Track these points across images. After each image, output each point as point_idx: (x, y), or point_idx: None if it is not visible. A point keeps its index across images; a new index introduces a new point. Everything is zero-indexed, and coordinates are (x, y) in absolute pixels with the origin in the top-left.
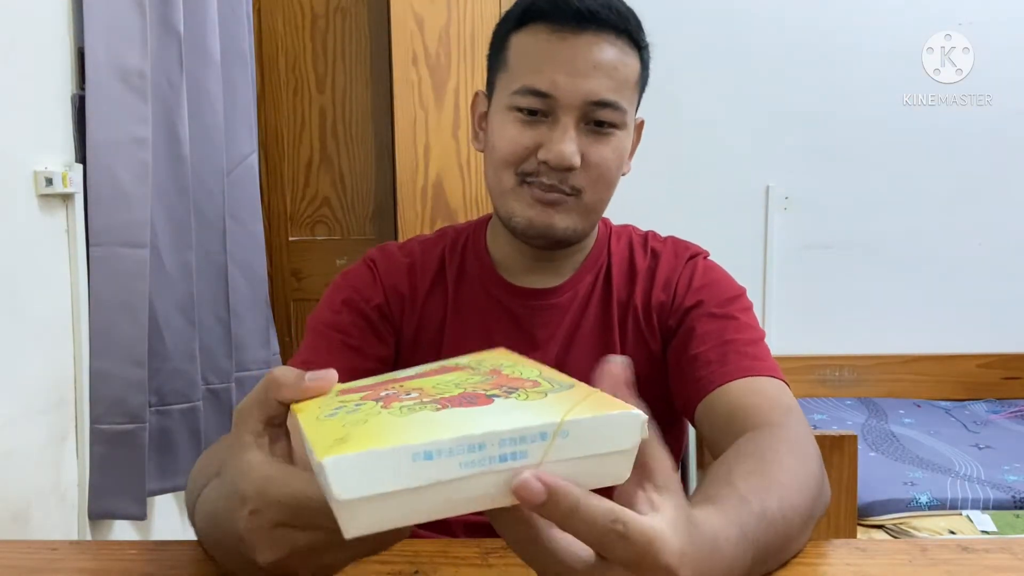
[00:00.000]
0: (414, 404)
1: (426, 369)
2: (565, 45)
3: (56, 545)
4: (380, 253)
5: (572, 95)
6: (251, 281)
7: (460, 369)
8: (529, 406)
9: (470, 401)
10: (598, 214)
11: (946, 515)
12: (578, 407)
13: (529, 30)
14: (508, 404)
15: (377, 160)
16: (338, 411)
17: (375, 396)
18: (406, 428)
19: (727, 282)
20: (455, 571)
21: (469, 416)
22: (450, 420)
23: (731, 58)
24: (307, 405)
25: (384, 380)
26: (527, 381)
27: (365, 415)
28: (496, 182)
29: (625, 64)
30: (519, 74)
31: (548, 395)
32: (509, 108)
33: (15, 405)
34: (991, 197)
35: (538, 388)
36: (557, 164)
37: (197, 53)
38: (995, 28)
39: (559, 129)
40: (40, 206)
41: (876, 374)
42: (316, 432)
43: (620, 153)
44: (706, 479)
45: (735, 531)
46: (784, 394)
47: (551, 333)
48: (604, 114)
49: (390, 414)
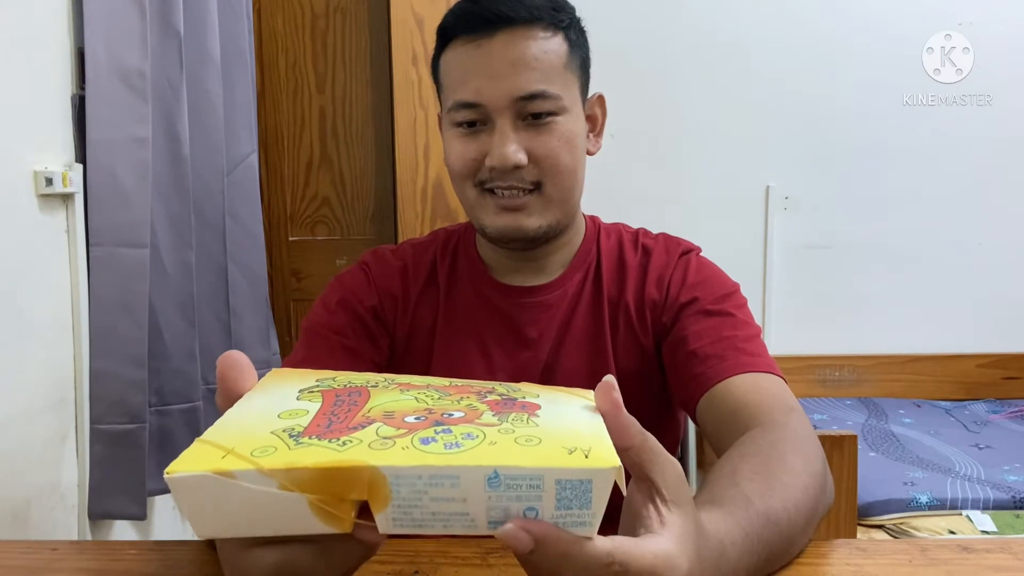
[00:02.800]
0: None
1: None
2: (481, 52)
3: (56, 545)
4: (373, 256)
5: (498, 98)
6: (251, 281)
7: (463, 392)
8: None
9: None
10: (568, 205)
11: (946, 515)
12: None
13: (451, 47)
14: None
15: (377, 160)
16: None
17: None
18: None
19: (721, 278)
20: (455, 571)
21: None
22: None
23: (731, 58)
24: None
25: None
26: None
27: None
28: (462, 196)
29: (545, 51)
30: (450, 91)
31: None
32: (450, 125)
33: (15, 405)
34: (991, 197)
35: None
36: (502, 166)
37: (197, 53)
38: (995, 28)
39: (496, 133)
40: (40, 206)
41: (876, 374)
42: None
43: (568, 139)
44: (710, 478)
45: (740, 534)
46: (785, 392)
47: (542, 331)
48: (536, 105)
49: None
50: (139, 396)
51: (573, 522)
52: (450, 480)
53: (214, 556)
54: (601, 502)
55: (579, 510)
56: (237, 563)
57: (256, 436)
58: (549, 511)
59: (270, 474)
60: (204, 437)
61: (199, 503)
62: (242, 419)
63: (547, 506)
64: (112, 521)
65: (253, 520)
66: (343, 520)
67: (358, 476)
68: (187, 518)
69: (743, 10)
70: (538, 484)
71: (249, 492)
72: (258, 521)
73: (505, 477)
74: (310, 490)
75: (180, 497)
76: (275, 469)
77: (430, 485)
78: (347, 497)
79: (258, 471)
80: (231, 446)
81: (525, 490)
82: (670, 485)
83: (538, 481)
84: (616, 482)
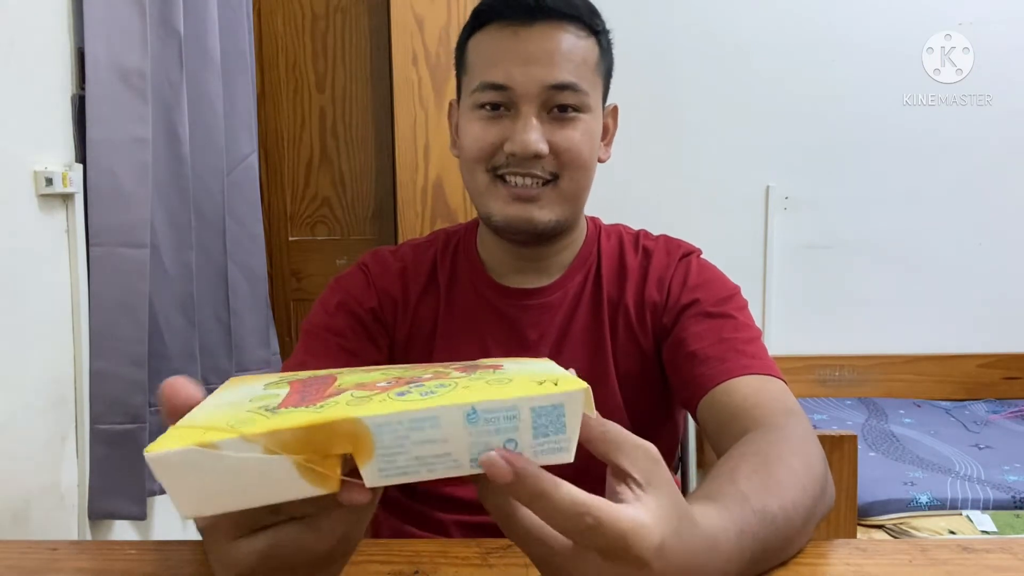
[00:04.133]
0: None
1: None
2: (518, 38)
3: (56, 545)
4: (373, 258)
5: (529, 84)
6: (251, 281)
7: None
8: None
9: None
10: (578, 202)
11: (946, 515)
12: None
13: (484, 31)
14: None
15: (377, 160)
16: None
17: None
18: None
19: (722, 281)
20: (455, 571)
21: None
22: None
23: (731, 58)
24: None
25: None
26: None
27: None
28: (472, 182)
29: (580, 48)
30: (477, 73)
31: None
32: (472, 107)
33: (15, 405)
34: (991, 197)
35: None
36: (523, 153)
37: (197, 53)
38: (995, 28)
39: (521, 120)
40: (40, 206)
41: (876, 374)
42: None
43: (589, 136)
44: (709, 477)
45: (734, 529)
46: (785, 394)
47: (542, 333)
48: (565, 97)
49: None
50: (139, 396)
51: (551, 448)
52: (430, 422)
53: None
54: (575, 426)
55: (555, 435)
56: (223, 556)
57: (232, 416)
58: (527, 441)
59: (253, 439)
60: (177, 424)
61: (183, 480)
62: (213, 408)
63: (525, 436)
64: (112, 521)
65: (239, 491)
66: (330, 478)
67: (341, 430)
68: (172, 498)
69: (743, 11)
70: (514, 415)
71: (233, 461)
72: (244, 492)
73: (483, 412)
74: (294, 450)
75: (163, 476)
76: (257, 433)
77: (411, 429)
78: (332, 452)
79: (241, 438)
80: (210, 424)
81: (503, 423)
82: (641, 468)
83: (514, 412)
84: (585, 408)
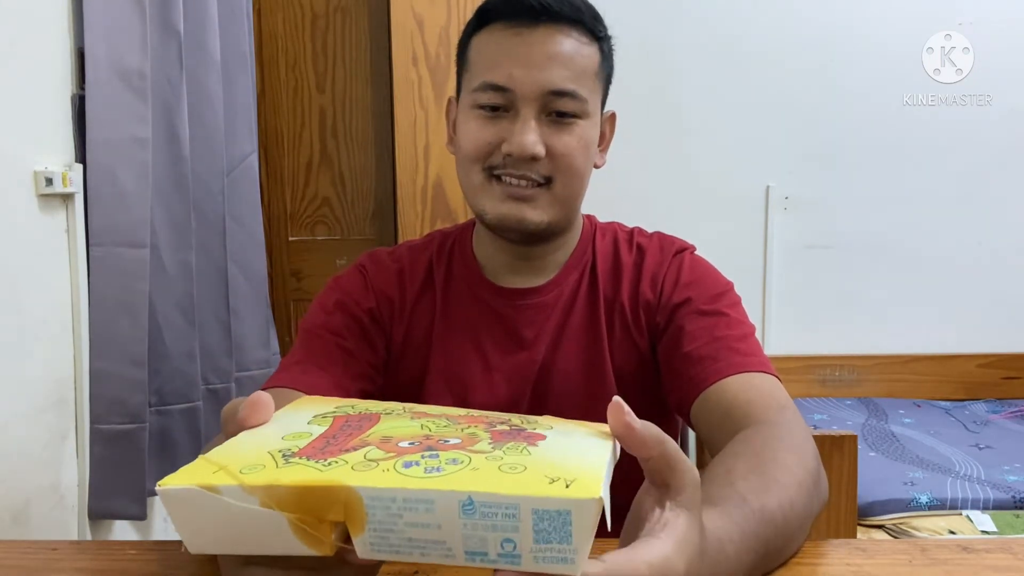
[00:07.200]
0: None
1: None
2: (520, 40)
3: (56, 545)
4: (370, 259)
5: (530, 87)
6: (251, 281)
7: (471, 421)
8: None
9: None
10: (572, 206)
11: (946, 515)
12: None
13: (487, 30)
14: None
15: (377, 160)
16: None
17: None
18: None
19: (714, 277)
20: (455, 571)
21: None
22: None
23: (731, 58)
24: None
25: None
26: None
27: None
28: (467, 180)
29: (582, 55)
30: (478, 72)
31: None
32: (472, 106)
33: (15, 405)
34: (991, 197)
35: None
36: (520, 154)
37: (197, 53)
38: (995, 28)
39: (520, 121)
40: (40, 206)
41: (876, 374)
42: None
43: (586, 142)
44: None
45: (737, 532)
46: (778, 390)
47: (538, 332)
48: (563, 104)
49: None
50: (139, 396)
51: (554, 558)
52: (424, 504)
53: (214, 557)
54: (585, 536)
55: (559, 544)
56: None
57: (252, 455)
58: (527, 544)
59: (251, 491)
60: (207, 454)
61: (188, 517)
62: (248, 440)
63: (525, 539)
64: (112, 521)
65: (238, 537)
66: (323, 542)
67: (335, 496)
68: (178, 532)
69: (743, 10)
70: (514, 513)
71: (232, 508)
72: (243, 538)
73: (480, 504)
74: (289, 508)
75: (170, 510)
76: (256, 486)
77: (404, 509)
78: (325, 518)
79: (241, 487)
80: (225, 463)
81: (501, 519)
82: (684, 489)
83: (514, 510)
84: (605, 515)
